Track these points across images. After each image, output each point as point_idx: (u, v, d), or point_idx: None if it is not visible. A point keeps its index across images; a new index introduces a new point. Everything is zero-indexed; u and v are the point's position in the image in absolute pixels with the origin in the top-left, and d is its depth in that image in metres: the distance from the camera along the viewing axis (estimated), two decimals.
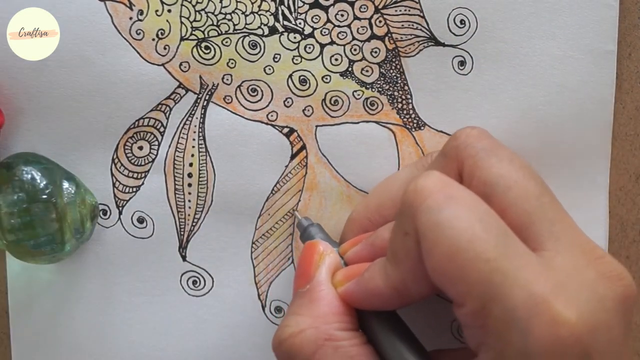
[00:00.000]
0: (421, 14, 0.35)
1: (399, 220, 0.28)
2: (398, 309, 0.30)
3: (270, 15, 0.35)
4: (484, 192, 0.28)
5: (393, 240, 0.28)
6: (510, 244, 0.26)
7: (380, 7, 0.35)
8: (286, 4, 0.35)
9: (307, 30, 0.35)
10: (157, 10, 0.35)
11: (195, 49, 0.36)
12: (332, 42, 0.36)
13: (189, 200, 0.37)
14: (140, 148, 0.36)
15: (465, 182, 0.29)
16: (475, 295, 0.25)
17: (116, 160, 0.36)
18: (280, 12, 0.35)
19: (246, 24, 0.35)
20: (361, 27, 0.36)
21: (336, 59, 0.36)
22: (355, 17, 0.35)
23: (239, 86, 0.36)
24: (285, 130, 0.36)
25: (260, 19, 0.35)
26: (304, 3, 0.35)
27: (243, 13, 0.35)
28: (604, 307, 0.26)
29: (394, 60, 0.36)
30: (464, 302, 0.26)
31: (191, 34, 0.35)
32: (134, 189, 0.37)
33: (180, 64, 0.36)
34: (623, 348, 0.26)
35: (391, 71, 0.36)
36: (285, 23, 0.35)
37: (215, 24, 0.35)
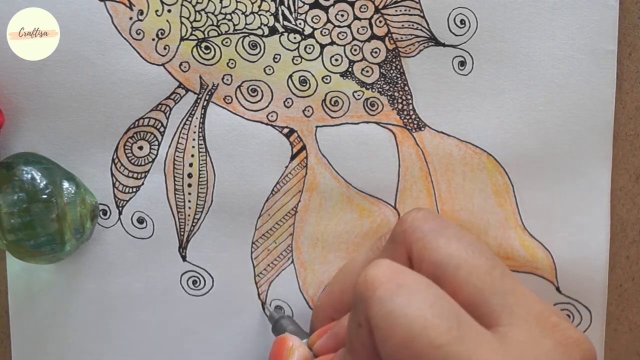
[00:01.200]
0: (421, 14, 0.35)
1: (353, 311, 0.28)
2: None
3: (270, 15, 0.35)
4: (435, 274, 0.28)
5: (349, 332, 0.28)
6: (463, 326, 0.26)
7: (380, 7, 0.35)
8: (286, 4, 0.35)
9: (307, 30, 0.35)
10: (157, 10, 0.35)
11: (195, 49, 0.36)
12: (332, 43, 0.36)
13: (189, 201, 0.37)
14: (140, 148, 0.36)
15: (415, 266, 0.29)
16: None
17: (116, 160, 0.36)
18: (280, 12, 0.35)
19: (246, 24, 0.35)
20: (361, 27, 0.36)
21: (336, 60, 0.36)
22: (356, 17, 0.35)
23: (239, 86, 0.36)
24: (285, 130, 0.36)
25: (260, 19, 0.35)
26: (304, 3, 0.35)
27: (243, 13, 0.35)
28: None
29: (394, 60, 0.36)
30: None
31: (191, 34, 0.35)
32: (134, 189, 0.37)
33: (180, 64, 0.36)
34: None
35: (391, 71, 0.36)
36: (285, 23, 0.35)
37: (215, 24, 0.35)
